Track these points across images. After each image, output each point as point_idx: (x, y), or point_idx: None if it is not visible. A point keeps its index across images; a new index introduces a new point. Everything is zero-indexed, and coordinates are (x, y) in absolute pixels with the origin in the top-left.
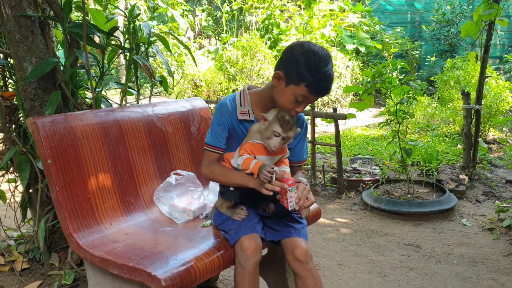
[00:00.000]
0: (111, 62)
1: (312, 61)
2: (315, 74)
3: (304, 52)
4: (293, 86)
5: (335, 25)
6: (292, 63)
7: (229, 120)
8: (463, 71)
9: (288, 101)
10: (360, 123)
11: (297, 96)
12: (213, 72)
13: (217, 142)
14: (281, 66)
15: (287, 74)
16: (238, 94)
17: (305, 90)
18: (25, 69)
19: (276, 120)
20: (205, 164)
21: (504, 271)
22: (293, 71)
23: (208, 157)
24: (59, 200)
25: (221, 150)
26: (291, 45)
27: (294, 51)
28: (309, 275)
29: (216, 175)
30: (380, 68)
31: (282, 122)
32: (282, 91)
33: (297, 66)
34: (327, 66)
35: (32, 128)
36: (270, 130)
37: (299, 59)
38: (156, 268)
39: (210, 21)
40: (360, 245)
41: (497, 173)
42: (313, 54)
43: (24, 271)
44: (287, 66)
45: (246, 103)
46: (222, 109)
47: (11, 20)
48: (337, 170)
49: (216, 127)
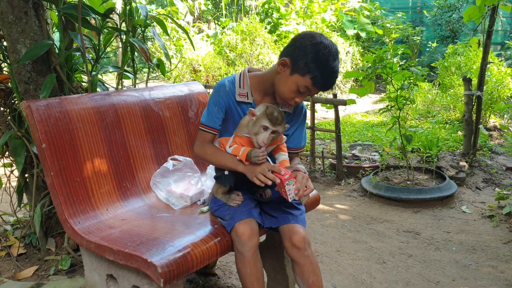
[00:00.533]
0: (107, 45)
1: (321, 55)
2: (323, 68)
3: (315, 44)
4: (298, 76)
5: (336, 10)
6: (301, 53)
7: (226, 101)
8: (465, 57)
9: (290, 90)
10: (360, 109)
11: (300, 86)
12: (212, 56)
13: (212, 122)
14: (288, 54)
15: (294, 62)
16: (238, 76)
17: (309, 82)
18: (19, 52)
19: (264, 115)
20: (198, 144)
21: (504, 259)
22: (301, 61)
23: (202, 137)
24: (54, 185)
25: (216, 130)
26: (302, 34)
27: (305, 41)
28: (306, 262)
29: (207, 155)
30: (381, 53)
31: (270, 116)
32: (285, 79)
33: (306, 57)
34: (335, 61)
35: (26, 111)
36: (258, 125)
37: (309, 50)
38: (153, 255)
39: (209, 5)
40: (359, 232)
41: (497, 160)
42: (323, 47)
43: (21, 256)
44: (295, 54)
45: (245, 85)
46: (219, 89)
47: (4, 1)
48: (336, 156)
49: (212, 107)
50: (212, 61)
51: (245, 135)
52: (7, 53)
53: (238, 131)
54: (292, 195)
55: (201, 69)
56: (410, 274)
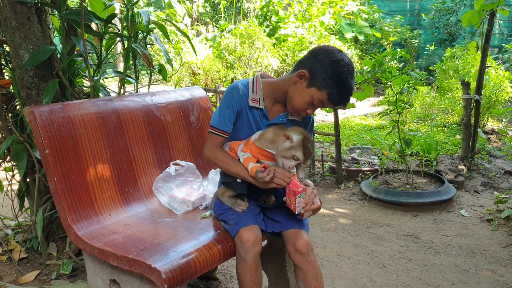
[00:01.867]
0: (109, 50)
1: (341, 72)
2: (341, 85)
3: (336, 60)
4: (314, 89)
5: (334, 13)
6: (321, 68)
7: (239, 104)
8: (463, 61)
9: (305, 102)
10: (359, 112)
11: (314, 100)
12: (211, 59)
13: (223, 125)
14: (307, 66)
15: (312, 76)
16: (251, 80)
17: (325, 97)
18: (21, 57)
19: (301, 146)
20: (208, 146)
21: (503, 262)
22: (319, 76)
23: (213, 140)
24: (57, 191)
25: (227, 134)
26: (323, 48)
27: (326, 57)
28: (309, 267)
29: (218, 160)
30: (381, 57)
31: (306, 150)
32: (301, 90)
33: (325, 72)
34: (352, 79)
35: (30, 117)
36: (291, 152)
37: (329, 66)
38: (156, 260)
39: (207, 7)
40: (359, 236)
41: (495, 163)
42: (344, 65)
43: (22, 261)
44: (314, 68)
45: (258, 91)
46: (233, 92)
47: (7, 7)
48: (336, 160)
49: (225, 110)
50: (211, 64)
51: (269, 150)
52: (9, 58)
53: (260, 142)
54: (299, 208)
55: (200, 72)
56: (410, 278)
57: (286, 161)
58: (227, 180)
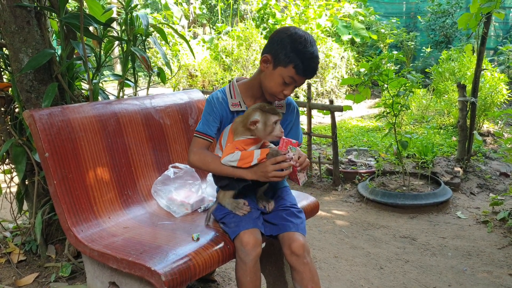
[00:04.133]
0: (108, 53)
1: (299, 43)
2: (302, 55)
3: (290, 34)
4: (281, 68)
5: (331, 15)
6: (280, 46)
7: (221, 111)
8: (459, 63)
9: (276, 83)
10: (356, 114)
11: (284, 78)
12: (209, 62)
13: (208, 130)
14: (268, 50)
15: (274, 56)
16: (228, 87)
17: (293, 71)
18: (21, 61)
19: (264, 113)
20: (194, 150)
21: (499, 264)
22: (281, 53)
23: (198, 144)
24: (57, 194)
25: (211, 138)
26: (276, 30)
27: (281, 35)
28: (306, 269)
29: (209, 163)
30: (377, 60)
31: (269, 110)
32: (270, 74)
33: (285, 48)
34: (313, 47)
35: (29, 121)
36: (269, 125)
37: (286, 41)
38: (156, 263)
39: (204, 9)
40: (356, 238)
41: (491, 165)
42: (299, 36)
43: (21, 263)
44: (274, 49)
45: (236, 95)
46: (213, 100)
47: (7, 11)
48: (333, 162)
49: (207, 116)
50: (209, 66)
51: (247, 137)
52: (8, 61)
53: (236, 136)
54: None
55: (198, 74)
56: (407, 279)
57: (275, 131)
58: (223, 183)
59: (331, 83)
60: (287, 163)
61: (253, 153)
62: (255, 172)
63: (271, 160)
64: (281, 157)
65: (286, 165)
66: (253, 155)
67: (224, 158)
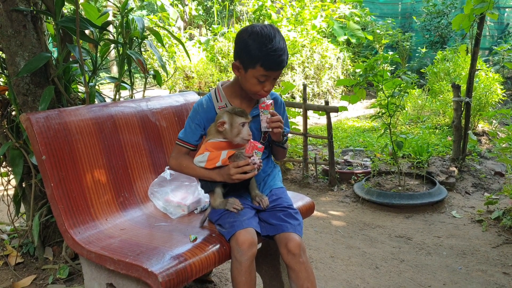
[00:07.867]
0: (104, 56)
1: (257, 41)
2: (265, 52)
3: (248, 36)
4: (251, 70)
5: (327, 16)
6: (242, 50)
7: (205, 118)
8: (453, 63)
9: (252, 84)
10: (351, 115)
11: (258, 77)
12: (205, 63)
13: (188, 138)
14: (236, 57)
15: (241, 61)
16: (213, 91)
17: (261, 70)
18: (17, 64)
19: (230, 115)
20: (174, 156)
21: (493, 263)
22: (246, 57)
23: (178, 151)
24: (54, 196)
25: (192, 146)
26: (237, 34)
27: (241, 38)
28: (301, 268)
29: (183, 167)
30: (372, 61)
31: (237, 112)
32: (244, 78)
33: (247, 51)
34: (273, 41)
35: (26, 124)
36: (235, 126)
37: (247, 43)
38: (153, 264)
39: (200, 10)
40: (352, 238)
41: (486, 165)
42: (257, 34)
43: (18, 265)
44: (239, 54)
45: (222, 98)
46: (198, 108)
47: (3, 15)
48: (329, 163)
49: (190, 123)
50: (205, 67)
51: (219, 140)
52: (5, 65)
53: (209, 138)
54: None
55: (194, 76)
56: (402, 279)
57: (242, 134)
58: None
59: (327, 84)
60: (250, 167)
61: (219, 154)
62: (221, 174)
63: (233, 164)
64: (243, 161)
65: (248, 168)
66: (219, 156)
67: (195, 158)
